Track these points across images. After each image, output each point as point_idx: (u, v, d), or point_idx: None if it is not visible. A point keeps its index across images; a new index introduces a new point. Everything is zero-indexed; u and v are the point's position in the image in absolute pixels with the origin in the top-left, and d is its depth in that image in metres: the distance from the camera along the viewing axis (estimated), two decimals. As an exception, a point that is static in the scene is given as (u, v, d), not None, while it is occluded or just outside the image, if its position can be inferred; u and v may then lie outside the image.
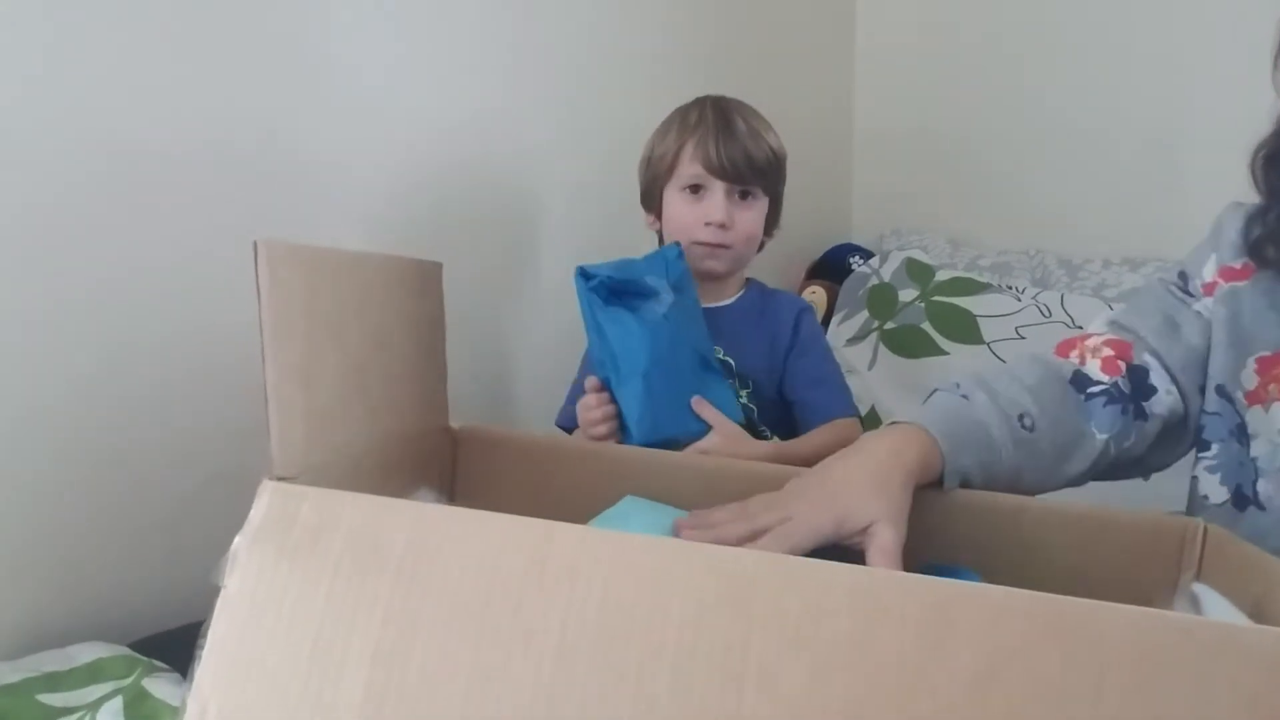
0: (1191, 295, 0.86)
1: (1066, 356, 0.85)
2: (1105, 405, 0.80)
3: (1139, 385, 0.82)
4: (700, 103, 1.17)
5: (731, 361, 1.14)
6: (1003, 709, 0.37)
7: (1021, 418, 0.77)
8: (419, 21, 1.24)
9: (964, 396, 0.78)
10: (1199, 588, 0.58)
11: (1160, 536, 0.68)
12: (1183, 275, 0.88)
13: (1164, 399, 0.82)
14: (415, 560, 0.44)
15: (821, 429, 1.13)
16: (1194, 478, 0.84)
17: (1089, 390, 0.81)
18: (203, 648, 0.45)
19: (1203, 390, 0.84)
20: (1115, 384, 0.81)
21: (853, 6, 2.06)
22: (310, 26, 1.12)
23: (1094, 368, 0.83)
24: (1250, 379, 0.80)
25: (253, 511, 0.46)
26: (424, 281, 0.78)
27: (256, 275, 0.55)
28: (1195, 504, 0.84)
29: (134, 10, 0.97)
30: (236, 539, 0.45)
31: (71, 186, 0.94)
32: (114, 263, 0.97)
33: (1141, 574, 0.67)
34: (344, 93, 1.16)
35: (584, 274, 1.00)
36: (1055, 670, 0.37)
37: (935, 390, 0.82)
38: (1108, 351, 0.84)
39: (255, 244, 0.55)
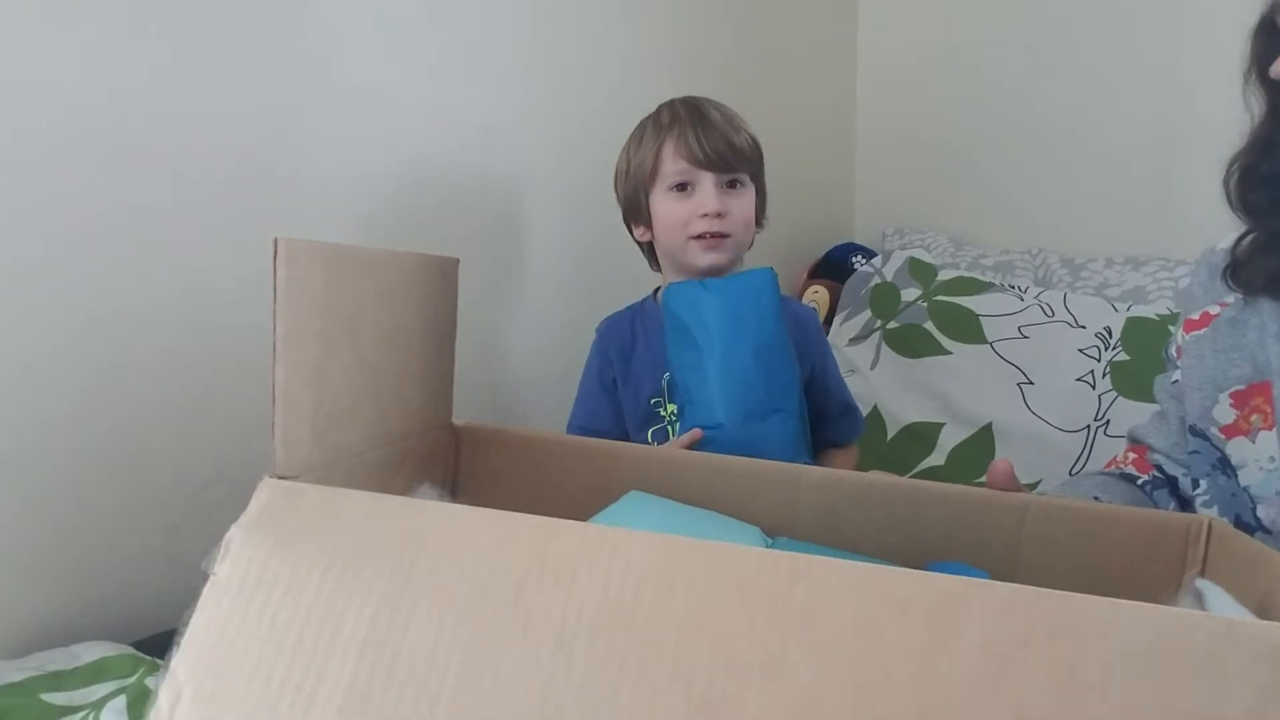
0: (1172, 366, 0.93)
1: (1110, 468, 0.98)
2: (1154, 490, 0.91)
3: (1164, 478, 0.92)
4: (669, 104, 1.16)
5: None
6: (1013, 699, 0.37)
7: (1095, 499, 0.86)
8: (424, 27, 1.24)
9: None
10: (1203, 584, 0.58)
11: (1164, 533, 0.67)
12: (1168, 355, 0.94)
13: (1185, 482, 0.90)
14: (414, 554, 0.44)
15: (842, 454, 1.20)
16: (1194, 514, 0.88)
17: (1139, 481, 0.92)
18: (182, 635, 0.44)
19: None
20: (1153, 476, 0.92)
21: (855, 7, 2.06)
22: (315, 31, 1.12)
23: (1131, 471, 0.94)
24: (1225, 414, 0.83)
25: (251, 504, 0.46)
26: (442, 278, 0.78)
27: (274, 273, 0.54)
28: None
29: (140, 15, 0.97)
30: (232, 529, 0.45)
31: (76, 190, 0.94)
32: (118, 265, 0.98)
33: (1145, 571, 0.67)
34: (347, 97, 1.16)
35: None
36: (1064, 662, 0.37)
37: None
38: (1133, 456, 0.96)
39: (275, 241, 0.55)
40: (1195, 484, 0.86)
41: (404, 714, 0.40)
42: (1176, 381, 0.90)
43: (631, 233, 1.21)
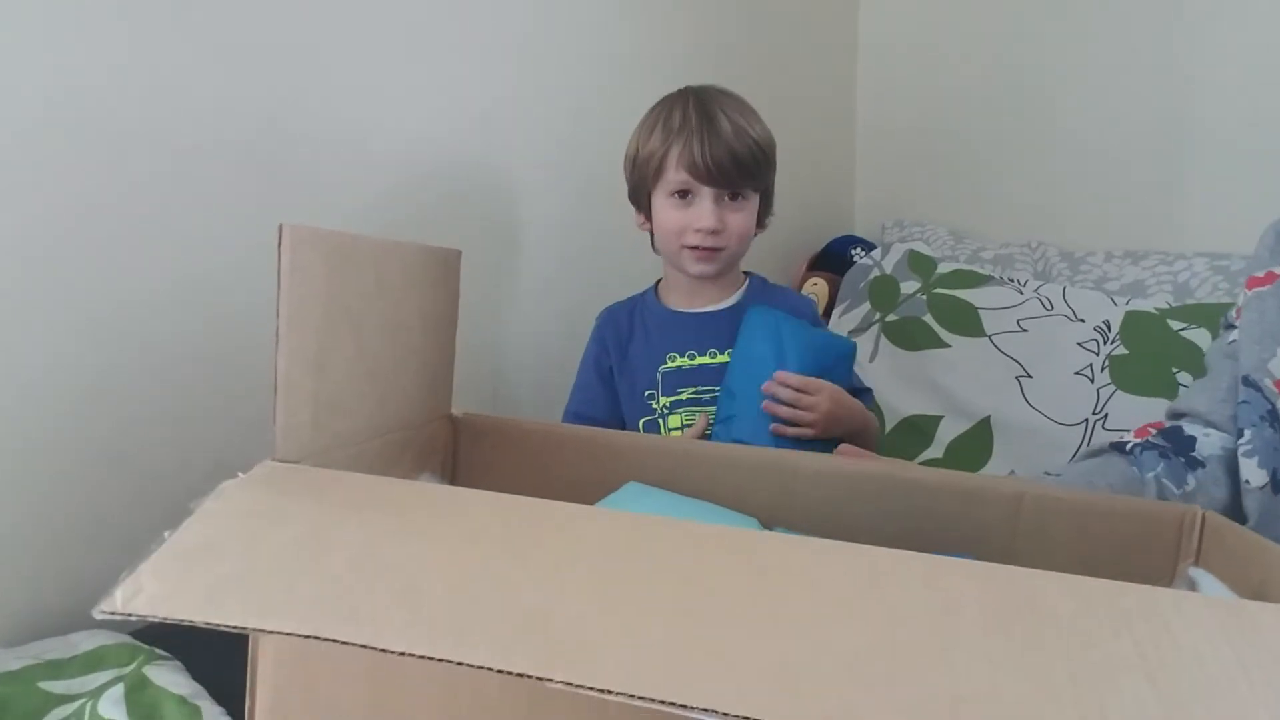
0: (1229, 329, 0.93)
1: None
2: (1143, 452, 0.91)
3: (1175, 440, 0.92)
4: (683, 99, 1.14)
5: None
6: (1025, 634, 0.37)
7: (1045, 473, 0.89)
8: (426, 17, 1.24)
9: None
10: (1196, 572, 0.58)
11: (1159, 524, 0.68)
12: (1227, 319, 0.96)
13: (1206, 441, 0.90)
14: (411, 509, 0.43)
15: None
16: (1238, 464, 0.88)
17: (1125, 446, 0.92)
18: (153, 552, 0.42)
19: None
20: (1147, 440, 0.92)
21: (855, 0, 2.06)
22: (317, 22, 1.12)
23: (1128, 437, 0.94)
24: None
25: (248, 474, 0.46)
26: (444, 269, 0.78)
27: (278, 259, 0.54)
28: (1237, 490, 0.88)
29: (139, 3, 0.97)
30: (226, 481, 0.44)
31: (75, 181, 0.94)
32: (120, 257, 0.98)
33: (1140, 562, 0.67)
34: (349, 87, 1.16)
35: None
36: (1068, 615, 0.37)
37: None
38: (1139, 426, 0.97)
39: (280, 227, 0.55)
40: (1240, 433, 0.86)
41: (385, 607, 0.38)
42: (1234, 342, 0.91)
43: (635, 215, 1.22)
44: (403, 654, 0.35)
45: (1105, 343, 1.47)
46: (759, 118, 1.15)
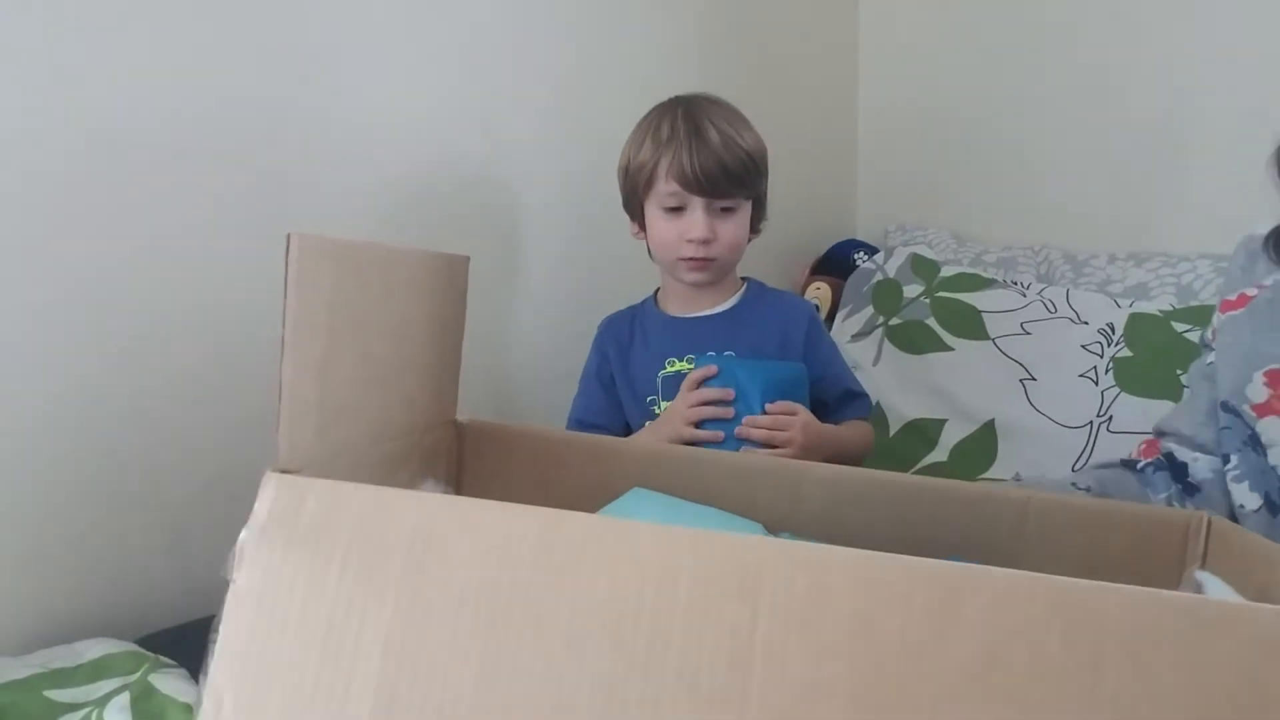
0: (1207, 349, 0.94)
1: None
2: (1155, 472, 0.92)
3: (1172, 465, 0.93)
4: (671, 109, 1.15)
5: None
6: (1004, 689, 0.37)
7: (1073, 485, 0.90)
8: (427, 31, 1.24)
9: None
10: (1202, 575, 0.58)
11: (1164, 529, 0.68)
12: (1203, 339, 0.96)
13: (1195, 467, 0.90)
14: (424, 550, 0.44)
15: (852, 424, 1.21)
16: (1229, 490, 0.88)
17: (1137, 466, 0.94)
18: (215, 642, 0.45)
19: None
20: (1156, 460, 0.94)
21: (856, 3, 2.05)
22: (319, 37, 1.13)
23: (1134, 458, 0.96)
24: (1259, 392, 0.84)
25: (257, 504, 0.46)
26: (451, 276, 0.78)
27: (286, 269, 0.54)
28: (1234, 512, 0.87)
29: (148, 29, 0.97)
30: (243, 533, 0.45)
31: (77, 181, 0.94)
32: (120, 258, 0.98)
33: (1146, 567, 0.67)
34: (339, 89, 1.16)
35: None
36: (1055, 650, 0.38)
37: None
38: (1143, 445, 0.98)
39: (288, 236, 0.54)
40: (1226, 459, 0.86)
41: (429, 713, 0.42)
42: (1212, 363, 0.91)
43: (630, 225, 1.23)
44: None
45: (1109, 345, 1.47)
46: (749, 125, 1.15)
